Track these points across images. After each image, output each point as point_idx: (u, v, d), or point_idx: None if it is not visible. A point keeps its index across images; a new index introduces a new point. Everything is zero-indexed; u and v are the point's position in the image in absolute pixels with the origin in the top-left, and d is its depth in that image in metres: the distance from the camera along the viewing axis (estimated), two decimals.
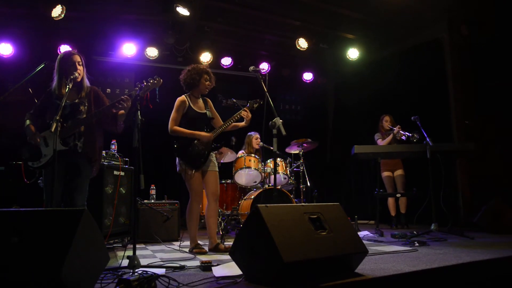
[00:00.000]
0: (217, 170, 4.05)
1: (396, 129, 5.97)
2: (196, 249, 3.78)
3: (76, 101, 3.42)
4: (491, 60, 6.18)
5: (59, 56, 3.50)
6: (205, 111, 4.05)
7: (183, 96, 4.03)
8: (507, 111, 5.98)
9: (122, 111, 3.48)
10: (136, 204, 4.85)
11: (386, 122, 6.27)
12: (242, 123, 4.08)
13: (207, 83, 4.02)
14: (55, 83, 3.44)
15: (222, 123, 4.06)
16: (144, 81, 3.28)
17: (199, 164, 3.87)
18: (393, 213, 6.35)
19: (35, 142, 3.31)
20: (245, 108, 4.04)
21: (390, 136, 6.14)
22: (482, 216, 5.24)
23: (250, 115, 4.02)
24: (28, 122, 3.39)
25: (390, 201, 6.34)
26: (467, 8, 6.32)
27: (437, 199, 4.84)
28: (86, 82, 3.52)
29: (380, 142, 6.28)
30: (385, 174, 6.37)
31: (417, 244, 3.94)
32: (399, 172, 6.30)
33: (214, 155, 4.07)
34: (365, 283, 2.37)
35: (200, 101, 4.10)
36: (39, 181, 3.68)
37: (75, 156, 3.34)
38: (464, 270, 2.85)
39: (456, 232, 4.67)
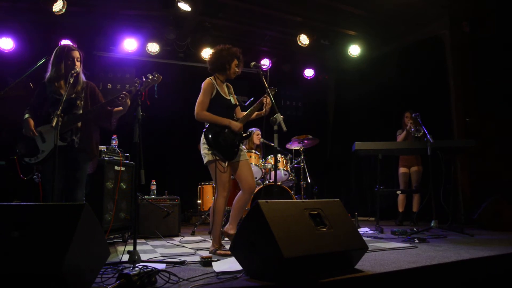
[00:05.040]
0: (248, 159, 3.71)
1: (409, 125, 5.98)
2: (220, 251, 3.39)
3: (73, 95, 3.39)
4: (492, 57, 6.16)
5: (57, 48, 3.47)
6: (229, 97, 3.70)
7: (209, 79, 3.63)
8: (507, 108, 5.98)
9: (119, 108, 3.47)
10: (137, 200, 4.86)
11: (407, 118, 6.27)
12: (262, 112, 3.70)
13: (237, 69, 3.70)
14: (48, 74, 3.42)
15: (241, 112, 3.76)
16: (143, 77, 3.28)
17: (233, 155, 3.53)
18: (401, 209, 6.32)
19: (30, 135, 3.29)
20: (265, 96, 3.64)
21: (404, 133, 6.18)
22: (482, 213, 5.25)
23: (270, 103, 3.59)
24: (27, 115, 3.35)
25: (401, 197, 6.33)
26: (468, 5, 6.30)
27: (437, 196, 4.85)
28: (82, 77, 3.50)
29: (398, 138, 6.32)
30: (401, 170, 6.36)
31: (417, 241, 3.95)
32: (415, 168, 6.27)
33: (241, 144, 3.75)
34: (365, 279, 2.38)
35: (225, 86, 3.73)
36: (34, 176, 3.68)
37: (73, 151, 3.34)
38: (464, 267, 2.86)
39: (456, 229, 4.67)
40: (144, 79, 3.26)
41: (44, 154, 3.31)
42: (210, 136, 3.49)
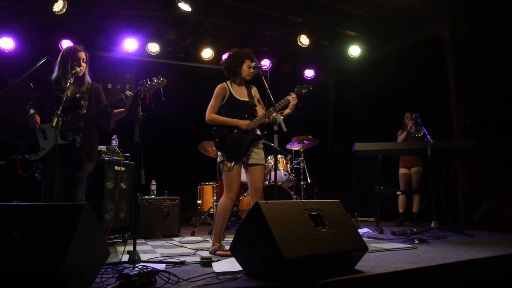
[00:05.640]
0: (263, 163, 3.62)
1: (409, 125, 5.99)
2: (220, 251, 3.37)
3: (78, 95, 3.43)
4: (492, 57, 6.16)
5: (64, 49, 3.52)
6: (247, 99, 3.68)
7: (224, 83, 3.71)
8: (507, 108, 5.98)
9: (120, 110, 3.51)
10: (137, 200, 4.86)
11: (407, 118, 6.27)
12: (287, 111, 3.66)
13: (251, 70, 3.68)
14: (55, 74, 3.45)
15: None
16: (148, 80, 3.29)
17: (239, 156, 3.48)
18: (401, 210, 6.32)
19: (35, 128, 3.32)
20: (291, 93, 3.64)
21: (404, 133, 6.19)
22: (482, 213, 5.25)
23: (296, 100, 3.61)
24: (32, 111, 3.39)
25: (401, 197, 6.34)
26: (468, 5, 6.30)
27: (437, 196, 4.84)
28: (87, 78, 3.55)
29: (399, 138, 6.33)
30: (402, 171, 6.36)
31: (417, 242, 3.95)
32: (415, 169, 6.27)
33: (260, 145, 3.67)
34: (365, 280, 2.38)
35: (243, 88, 3.74)
36: (36, 174, 3.69)
37: (74, 150, 3.35)
38: (464, 267, 2.86)
39: (456, 229, 4.67)
40: (149, 82, 3.28)
41: (45, 151, 3.32)
42: (216, 137, 3.56)
